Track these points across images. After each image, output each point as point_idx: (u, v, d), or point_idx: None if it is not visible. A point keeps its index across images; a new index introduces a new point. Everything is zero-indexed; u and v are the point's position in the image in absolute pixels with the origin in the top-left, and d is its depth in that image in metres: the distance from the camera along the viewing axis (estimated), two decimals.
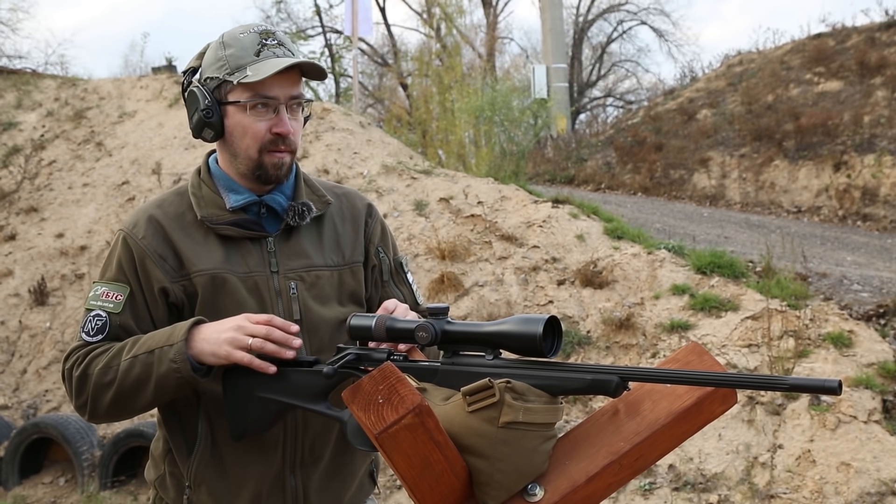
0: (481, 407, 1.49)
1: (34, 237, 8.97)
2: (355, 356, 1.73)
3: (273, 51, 1.89)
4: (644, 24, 31.01)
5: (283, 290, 1.93)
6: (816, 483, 4.45)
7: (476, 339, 1.60)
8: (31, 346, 7.77)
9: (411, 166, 8.20)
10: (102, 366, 1.82)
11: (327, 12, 25.29)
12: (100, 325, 1.89)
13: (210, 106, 1.90)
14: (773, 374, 1.38)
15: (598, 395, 1.51)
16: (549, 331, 1.54)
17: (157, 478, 2.02)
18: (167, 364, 1.76)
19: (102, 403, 1.84)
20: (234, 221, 1.94)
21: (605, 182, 13.51)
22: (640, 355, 5.57)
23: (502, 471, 1.49)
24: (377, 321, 1.67)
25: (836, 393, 1.34)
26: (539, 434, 1.50)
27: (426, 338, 1.61)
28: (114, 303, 1.89)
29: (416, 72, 21.42)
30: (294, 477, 1.95)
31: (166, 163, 9.21)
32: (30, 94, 11.99)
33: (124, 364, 1.80)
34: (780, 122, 12.61)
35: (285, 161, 1.93)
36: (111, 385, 1.81)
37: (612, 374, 1.48)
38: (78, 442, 6.18)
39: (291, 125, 1.91)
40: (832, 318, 5.36)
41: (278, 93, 1.88)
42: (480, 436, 1.49)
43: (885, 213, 10.73)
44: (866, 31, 15.02)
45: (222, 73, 1.89)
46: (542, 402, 1.50)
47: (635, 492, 4.77)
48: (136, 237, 1.92)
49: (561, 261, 6.52)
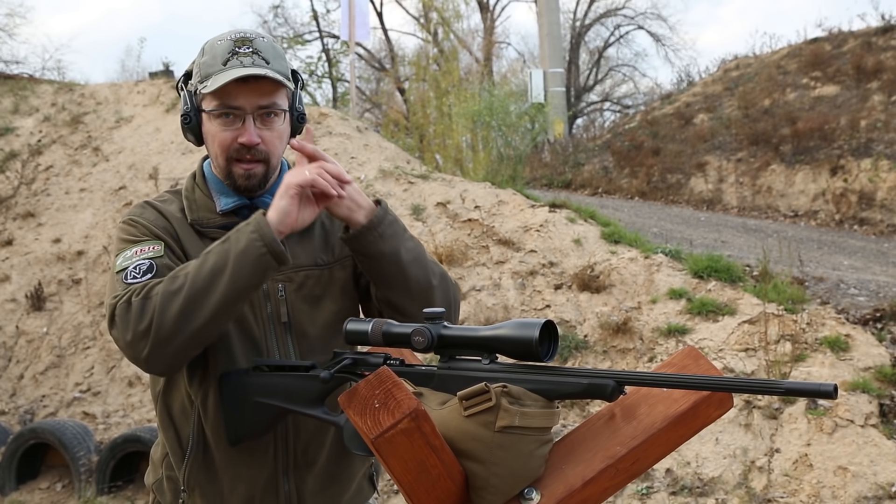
0: (478, 411, 1.49)
1: (31, 242, 8.96)
2: (352, 360, 1.72)
3: (241, 59, 1.87)
4: (641, 28, 31.14)
5: (272, 293, 1.94)
6: (813, 487, 4.46)
7: (472, 343, 1.59)
8: (27, 352, 7.76)
9: (408, 171, 8.21)
10: (168, 278, 1.76)
11: (324, 17, 25.37)
12: (145, 268, 1.82)
13: (189, 112, 1.93)
14: (769, 378, 1.38)
15: (595, 399, 1.51)
16: (546, 335, 1.53)
17: (155, 482, 2.03)
18: (246, 238, 1.74)
19: (169, 314, 1.72)
20: (223, 225, 1.94)
21: (603, 186, 13.52)
22: (637, 359, 5.57)
23: (499, 475, 1.49)
24: (373, 326, 1.67)
25: (831, 397, 1.33)
26: (535, 438, 1.50)
27: (422, 342, 1.60)
28: (153, 252, 1.85)
29: (413, 76, 21.46)
30: (287, 480, 1.94)
31: (163, 168, 9.21)
32: (27, 99, 11.99)
33: (195, 263, 1.76)
34: (777, 126, 12.63)
35: (255, 172, 1.92)
36: (181, 289, 1.73)
37: (608, 378, 1.48)
38: (75, 447, 6.17)
39: (261, 135, 1.90)
40: (829, 323, 5.37)
41: (243, 102, 1.87)
42: (477, 440, 1.49)
43: (882, 218, 10.74)
44: (863, 35, 15.06)
45: (196, 81, 1.92)
46: (539, 406, 1.50)
47: (633, 496, 4.77)
48: (147, 219, 1.93)
49: (558, 265, 6.52)
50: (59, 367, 7.51)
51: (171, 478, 1.98)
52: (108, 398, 7.00)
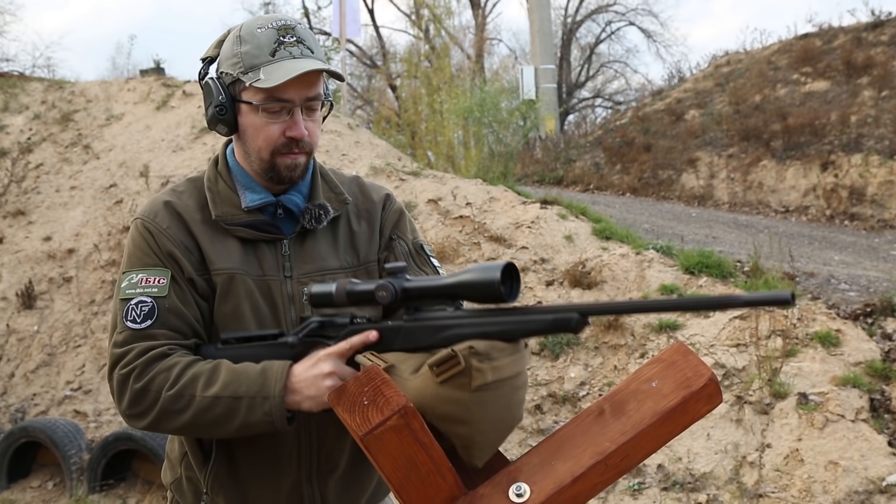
0: (450, 376, 1.48)
1: (21, 240, 8.93)
2: (318, 324, 1.73)
3: (289, 50, 1.80)
4: (632, 24, 31.18)
5: (296, 296, 1.89)
6: (804, 482, 4.47)
7: (436, 293, 1.59)
8: (18, 350, 7.74)
9: (400, 168, 8.20)
10: (174, 393, 1.72)
11: (315, 14, 25.32)
12: (146, 311, 1.78)
13: (224, 102, 1.84)
14: (728, 294, 1.42)
15: (561, 332, 1.52)
16: (508, 277, 1.53)
17: (174, 481, 2.00)
18: (259, 416, 1.70)
19: (166, 426, 1.76)
20: (249, 223, 1.88)
21: (594, 183, 13.53)
22: (629, 355, 5.58)
23: (482, 431, 1.50)
24: (337, 286, 1.66)
25: (789, 304, 1.36)
26: (510, 385, 1.51)
27: (386, 297, 1.59)
28: (157, 287, 1.80)
29: (404, 73, 21.45)
30: (311, 486, 1.93)
31: (154, 165, 9.19)
32: (17, 97, 11.95)
33: (203, 401, 1.72)
34: (768, 122, 12.65)
35: (299, 162, 1.87)
36: (182, 413, 1.73)
37: (572, 310, 1.49)
38: (66, 446, 6.16)
39: (307, 126, 1.84)
40: (820, 318, 5.38)
41: (293, 95, 1.81)
42: (455, 403, 1.49)
43: (873, 213, 10.78)
44: (853, 31, 15.09)
45: (236, 71, 1.82)
46: (507, 354, 1.51)
47: (624, 492, 4.78)
48: (160, 227, 1.85)
49: (549, 262, 6.53)
50: (50, 366, 7.49)
51: (191, 478, 1.95)
52: (100, 396, 6.98)
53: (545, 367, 5.74)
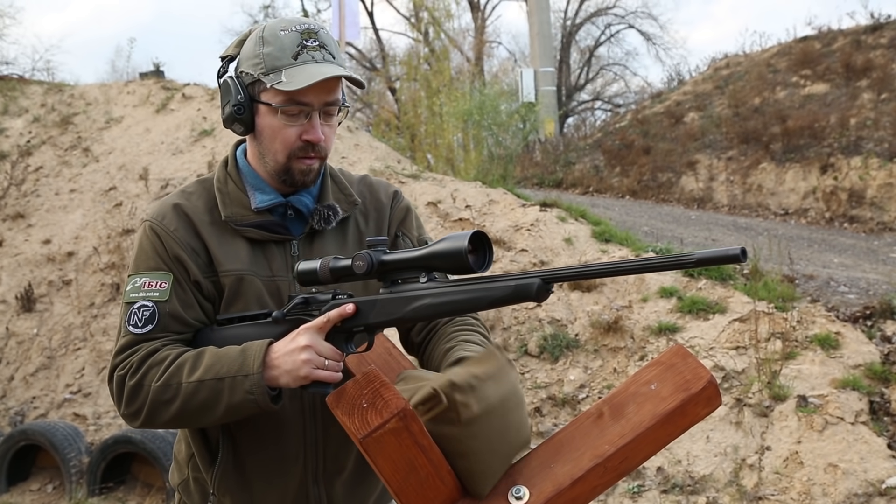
0: (436, 414, 1.50)
1: (21, 243, 8.93)
2: (303, 300, 1.76)
3: (312, 54, 1.81)
4: (632, 27, 31.16)
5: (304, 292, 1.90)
6: (804, 484, 4.47)
7: (410, 264, 1.64)
8: (18, 353, 7.73)
9: (399, 170, 8.20)
10: (161, 383, 1.74)
11: (315, 17, 25.30)
12: (147, 316, 1.80)
13: (242, 102, 1.84)
14: (681, 253, 1.43)
15: (523, 301, 1.54)
16: (480, 246, 1.57)
17: (182, 482, 2.00)
18: (242, 395, 1.70)
19: (160, 419, 1.77)
20: (258, 223, 1.89)
21: (593, 185, 13.53)
22: (629, 358, 5.58)
23: (482, 461, 1.51)
24: (321, 263, 1.71)
25: (739, 260, 1.39)
26: (502, 409, 1.53)
27: (363, 266, 1.65)
28: (159, 291, 1.81)
29: (404, 76, 21.43)
30: (317, 487, 1.94)
31: (153, 168, 9.19)
32: (16, 100, 11.95)
33: (188, 387, 1.73)
34: (767, 124, 12.65)
35: (313, 167, 1.88)
36: (171, 403, 1.75)
37: (534, 277, 1.52)
38: (66, 448, 6.15)
39: (323, 131, 1.86)
40: (819, 320, 5.38)
41: (312, 99, 1.82)
42: (447, 439, 1.50)
43: (872, 215, 10.78)
44: (852, 33, 15.10)
45: (257, 72, 1.82)
46: (488, 378, 1.53)
47: (624, 494, 4.78)
48: (167, 229, 1.86)
49: (549, 264, 6.53)
50: (49, 369, 7.48)
51: (199, 479, 1.96)
52: (99, 399, 6.98)
53: (544, 369, 5.74)
